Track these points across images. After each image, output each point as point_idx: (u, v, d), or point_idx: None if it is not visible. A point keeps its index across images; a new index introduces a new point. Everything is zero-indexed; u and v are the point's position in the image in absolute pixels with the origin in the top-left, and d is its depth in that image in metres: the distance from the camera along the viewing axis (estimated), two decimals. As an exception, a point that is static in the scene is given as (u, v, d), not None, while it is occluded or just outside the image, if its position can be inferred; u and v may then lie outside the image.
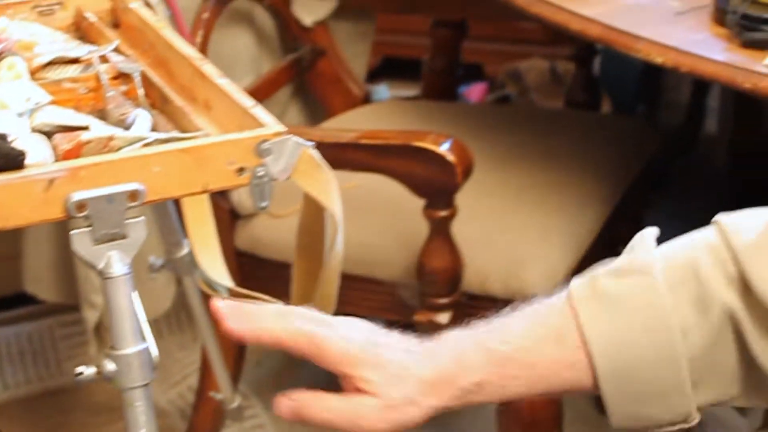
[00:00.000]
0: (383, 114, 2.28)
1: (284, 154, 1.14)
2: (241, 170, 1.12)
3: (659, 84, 3.12)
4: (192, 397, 2.25)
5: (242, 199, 1.98)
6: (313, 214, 1.25)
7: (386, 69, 3.26)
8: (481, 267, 1.87)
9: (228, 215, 2.00)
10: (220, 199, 1.97)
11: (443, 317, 1.86)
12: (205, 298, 1.90)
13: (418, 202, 1.81)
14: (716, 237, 1.04)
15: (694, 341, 0.99)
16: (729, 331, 1.00)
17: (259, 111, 1.18)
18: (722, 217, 1.06)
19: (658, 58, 1.69)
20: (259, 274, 2.00)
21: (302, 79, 2.31)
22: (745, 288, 0.99)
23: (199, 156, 1.10)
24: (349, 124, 2.20)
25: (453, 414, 1.11)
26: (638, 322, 1.00)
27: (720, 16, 1.76)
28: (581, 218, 1.98)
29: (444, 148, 1.75)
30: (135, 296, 1.10)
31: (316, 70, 2.29)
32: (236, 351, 2.10)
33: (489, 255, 1.88)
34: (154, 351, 1.10)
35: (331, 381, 1.03)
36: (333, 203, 1.19)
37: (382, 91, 2.97)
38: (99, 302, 2.03)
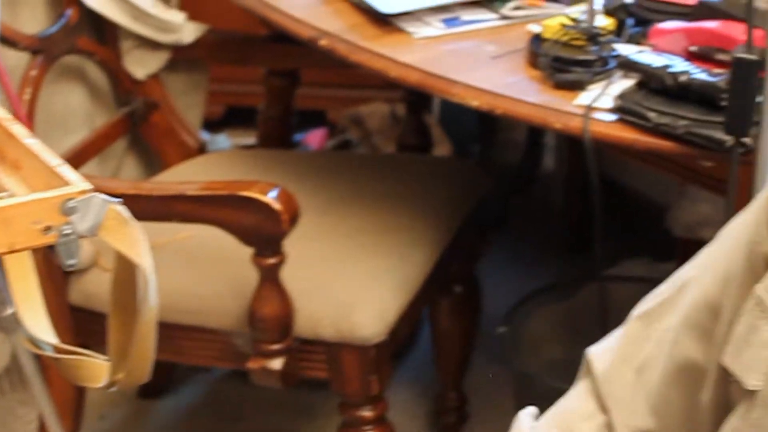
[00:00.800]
0: (219, 164, 2.29)
1: (90, 211, 1.15)
2: (47, 229, 1.13)
3: (495, 124, 3.19)
4: (35, 455, 2.23)
5: (74, 253, 1.98)
6: (125, 269, 1.25)
7: (230, 118, 3.28)
8: (313, 312, 1.90)
9: (60, 270, 1.99)
10: (51, 254, 1.96)
11: (276, 363, 1.88)
12: (36, 355, 1.89)
13: (249, 251, 1.83)
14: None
15: None
16: None
17: (66, 170, 1.18)
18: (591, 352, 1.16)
19: (474, 102, 1.74)
20: (94, 329, 2.00)
21: (137, 132, 2.31)
22: None
23: (4, 216, 1.11)
24: (184, 175, 2.22)
25: None
26: None
27: (533, 59, 1.82)
28: (412, 259, 2.02)
29: (270, 197, 1.78)
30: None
31: (150, 122, 2.30)
32: (74, 406, 2.09)
33: (320, 300, 1.91)
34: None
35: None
36: (142, 258, 1.20)
37: (222, 140, 2.98)
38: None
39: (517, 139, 3.21)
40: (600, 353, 1.17)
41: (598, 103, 1.71)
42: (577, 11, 1.87)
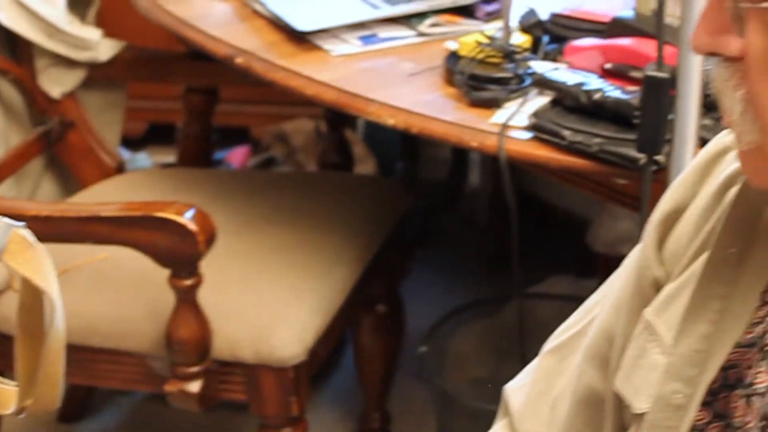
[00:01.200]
0: (137, 184, 2.27)
1: (-8, 235, 1.13)
2: (-52, 253, 1.11)
3: (420, 140, 3.19)
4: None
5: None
6: (31, 293, 1.23)
7: (151, 136, 3.25)
8: (231, 334, 1.88)
9: (-27, 293, 1.96)
10: (-36, 277, 1.93)
11: (194, 386, 1.86)
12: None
13: (166, 272, 1.81)
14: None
15: None
16: None
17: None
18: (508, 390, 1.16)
19: (390, 120, 1.74)
20: (9, 352, 1.96)
21: (54, 152, 2.28)
22: None
23: None
24: (101, 196, 2.19)
25: None
26: None
27: (450, 77, 1.82)
28: (331, 278, 2.01)
29: (186, 218, 1.76)
30: None
31: (67, 141, 2.27)
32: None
33: (238, 321, 1.89)
34: None
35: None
36: (47, 283, 1.18)
37: (142, 159, 2.96)
38: None
39: (442, 155, 3.22)
40: (515, 390, 1.17)
41: (514, 121, 1.71)
42: (493, 28, 1.87)
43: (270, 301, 1.93)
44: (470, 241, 3.10)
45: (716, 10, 0.81)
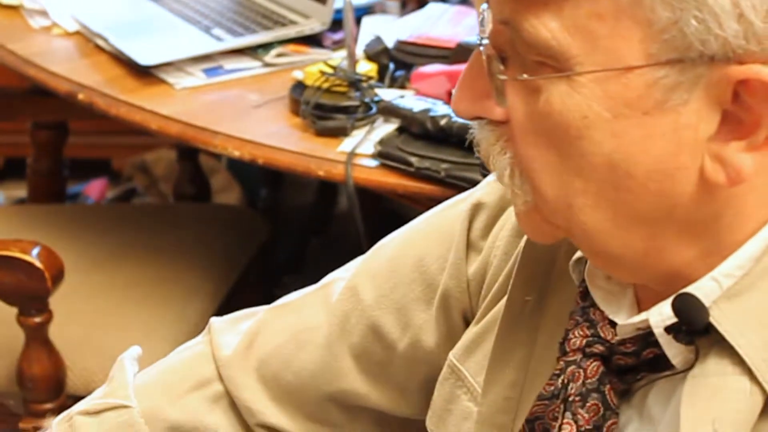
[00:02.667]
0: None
1: None
2: None
3: (282, 167, 3.19)
4: None
5: None
6: None
7: (8, 170, 3.21)
8: (86, 368, 1.87)
9: None
10: None
11: (49, 423, 1.83)
12: None
13: (14, 310, 1.79)
14: (205, 352, 1.11)
15: None
16: None
17: None
18: (215, 323, 1.12)
19: (236, 152, 1.74)
20: None
21: None
22: (231, 404, 1.07)
23: None
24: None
25: None
26: None
27: (295, 107, 1.83)
28: (187, 311, 2.00)
29: (32, 256, 1.74)
30: None
31: None
32: None
33: (93, 356, 1.88)
34: None
35: None
36: None
37: (-6, 195, 2.91)
38: None
39: (308, 180, 3.22)
40: (224, 328, 1.13)
41: (361, 149, 1.73)
42: (339, 57, 1.88)
43: (126, 334, 1.91)
44: (343, 264, 3.09)
45: (476, 78, 0.81)
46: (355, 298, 1.08)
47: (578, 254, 0.89)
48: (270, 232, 2.32)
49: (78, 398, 1.86)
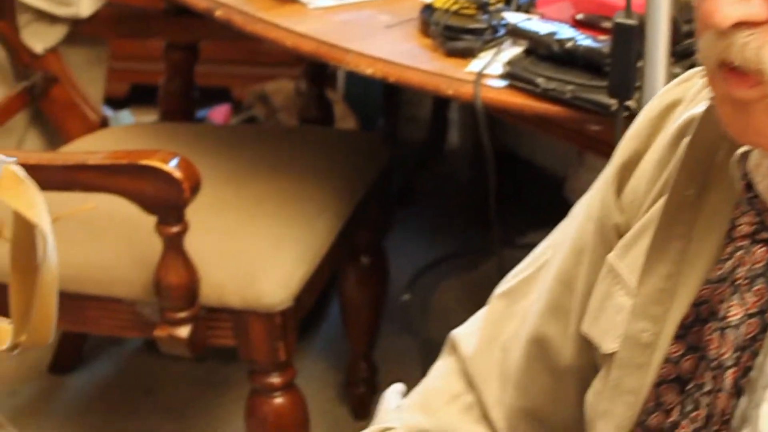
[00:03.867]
0: (121, 137, 2.31)
1: (-15, 171, 1.17)
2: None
3: (400, 99, 3.23)
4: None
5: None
6: (23, 229, 1.27)
7: (134, 96, 3.29)
8: (217, 280, 1.93)
9: (-37, 243, 2.00)
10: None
11: (183, 331, 1.90)
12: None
13: (153, 220, 1.86)
14: (452, 368, 1.18)
15: None
16: None
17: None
18: (453, 334, 1.20)
19: (368, 70, 1.78)
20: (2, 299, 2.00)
21: (38, 107, 2.32)
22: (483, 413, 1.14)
23: None
24: (86, 148, 2.23)
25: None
26: None
27: (425, 28, 1.87)
28: (315, 228, 2.05)
29: (171, 166, 1.80)
30: None
31: (51, 96, 2.31)
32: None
33: (224, 268, 1.94)
34: None
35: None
36: (39, 218, 1.22)
37: (125, 116, 2.99)
38: None
39: (421, 115, 3.26)
40: (466, 335, 1.20)
41: (489, 69, 1.76)
42: (467, -19, 1.91)
43: (255, 249, 1.97)
44: (450, 198, 3.15)
45: None
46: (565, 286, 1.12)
47: (741, 150, 0.94)
48: (389, 159, 2.37)
49: (211, 309, 1.94)
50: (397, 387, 1.24)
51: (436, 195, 3.17)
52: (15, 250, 1.34)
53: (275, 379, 1.98)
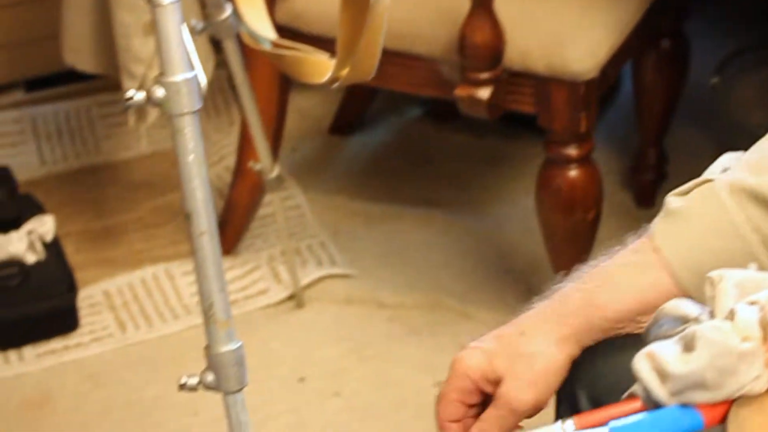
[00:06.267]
0: None
1: None
2: None
3: None
4: (229, 176, 2.26)
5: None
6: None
7: None
8: (523, 44, 1.86)
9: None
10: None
11: (484, 92, 1.85)
12: (247, 64, 1.89)
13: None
14: None
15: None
16: None
17: None
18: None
19: None
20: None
21: None
22: None
23: None
24: None
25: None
26: (705, 225, 1.04)
27: None
28: (624, 2, 1.95)
29: None
30: (183, 27, 1.10)
31: None
32: (275, 126, 2.11)
33: (532, 32, 1.87)
34: (203, 79, 1.10)
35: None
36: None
37: None
38: (139, 72, 2.02)
39: None
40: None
41: None
42: None
43: (564, 16, 1.89)
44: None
45: None
46: None
47: None
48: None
49: (513, 73, 1.88)
50: (723, 159, 1.15)
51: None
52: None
53: (572, 151, 1.92)
